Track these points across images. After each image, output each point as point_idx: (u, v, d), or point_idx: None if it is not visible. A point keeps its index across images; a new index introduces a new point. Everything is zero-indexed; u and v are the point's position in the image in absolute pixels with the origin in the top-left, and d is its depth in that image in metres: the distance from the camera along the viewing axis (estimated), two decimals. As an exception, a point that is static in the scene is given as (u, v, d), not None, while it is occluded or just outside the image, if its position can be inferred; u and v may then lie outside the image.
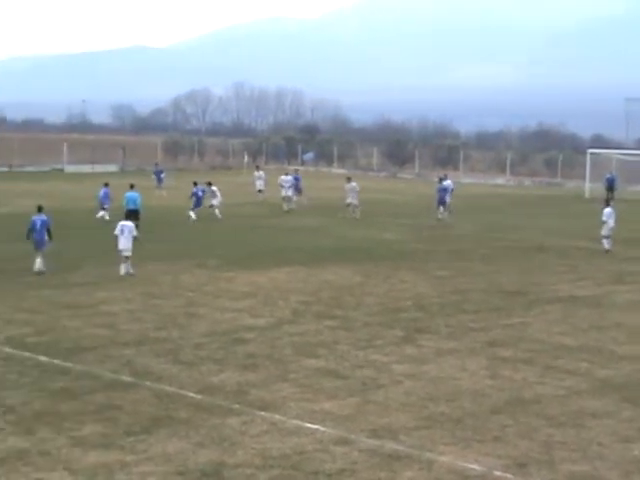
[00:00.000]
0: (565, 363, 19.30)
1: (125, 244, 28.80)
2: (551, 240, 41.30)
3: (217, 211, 46.08)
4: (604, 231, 37.36)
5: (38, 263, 28.74)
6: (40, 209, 29.81)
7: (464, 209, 54.44)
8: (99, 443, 13.61)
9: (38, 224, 29.17)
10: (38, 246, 29.08)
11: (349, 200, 49.10)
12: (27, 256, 31.23)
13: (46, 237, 29.15)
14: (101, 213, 43.71)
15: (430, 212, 49.38)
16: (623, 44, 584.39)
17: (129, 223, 29.44)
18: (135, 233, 29.15)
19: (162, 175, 60.98)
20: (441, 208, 48.39)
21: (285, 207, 51.62)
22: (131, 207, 38.34)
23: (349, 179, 50.90)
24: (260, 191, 57.28)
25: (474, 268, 32.44)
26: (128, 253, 28.85)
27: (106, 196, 44.79)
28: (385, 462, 13.21)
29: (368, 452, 13.57)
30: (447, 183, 50.53)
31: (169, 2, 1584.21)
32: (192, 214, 44.89)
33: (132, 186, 40.58)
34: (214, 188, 46.94)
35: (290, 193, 52.51)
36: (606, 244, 37.18)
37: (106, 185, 45.66)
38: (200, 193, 45.99)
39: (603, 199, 46.90)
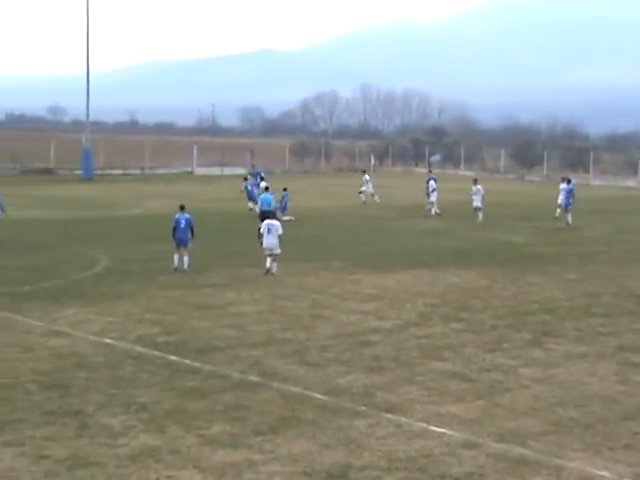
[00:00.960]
0: (699, 369, 18.79)
1: (271, 243, 29.30)
2: (685, 243, 40.28)
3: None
4: None
5: (177, 260, 29.59)
6: (182, 208, 30.62)
7: (594, 211, 53.53)
8: (227, 442, 13.80)
9: (182, 223, 29.97)
10: (181, 244, 29.88)
11: (475, 204, 48.53)
12: (158, 257, 31.92)
13: (189, 235, 29.90)
14: (253, 206, 45.09)
15: (560, 214, 48.75)
16: None
17: (276, 222, 29.83)
18: (281, 232, 29.56)
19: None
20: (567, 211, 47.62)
21: (433, 211, 51.41)
22: (265, 208, 38.95)
23: (475, 181, 50.31)
24: (360, 192, 57.28)
25: (604, 271, 31.84)
26: (277, 251, 29.36)
27: (254, 189, 47.89)
28: (513, 467, 13.07)
29: (495, 456, 13.45)
30: (566, 185, 49.92)
31: (297, 6, 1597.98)
32: (285, 217, 45.42)
33: (267, 188, 41.31)
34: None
35: (433, 198, 52.08)
36: None
37: (246, 179, 47.95)
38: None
39: None
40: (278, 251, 29.38)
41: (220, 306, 24.19)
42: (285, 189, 46.66)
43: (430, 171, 62.21)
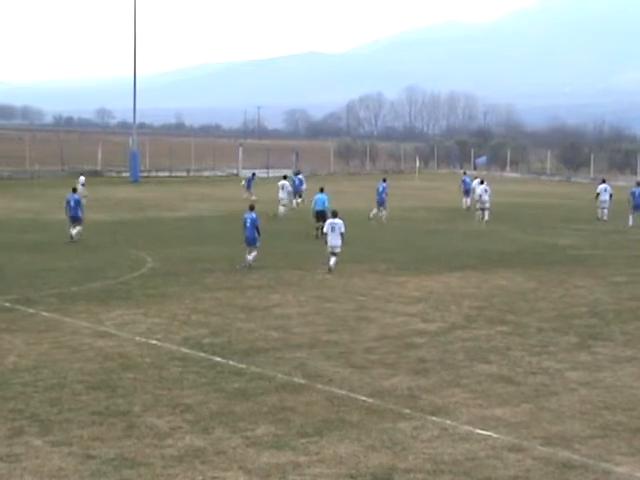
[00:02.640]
0: None
1: (334, 241, 30.23)
2: None
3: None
4: None
5: (246, 258, 30.50)
6: (252, 208, 31.41)
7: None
8: (272, 444, 13.81)
9: (248, 222, 30.84)
10: (249, 243, 30.80)
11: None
12: (203, 258, 32.09)
13: (256, 234, 30.70)
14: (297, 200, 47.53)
15: (614, 217, 48.41)
16: None
17: (339, 221, 30.48)
18: (344, 230, 30.34)
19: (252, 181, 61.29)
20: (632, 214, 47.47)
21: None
22: (319, 208, 39.27)
23: (482, 182, 50.56)
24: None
25: (652, 274, 31.54)
26: (337, 250, 30.26)
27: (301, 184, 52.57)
28: (559, 471, 12.97)
29: (542, 460, 13.36)
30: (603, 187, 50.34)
31: (343, 9, 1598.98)
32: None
33: (322, 189, 41.36)
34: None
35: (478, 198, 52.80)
36: None
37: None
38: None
39: None
40: (339, 249, 30.32)
41: (265, 308, 24.25)
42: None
43: (465, 173, 62.66)
